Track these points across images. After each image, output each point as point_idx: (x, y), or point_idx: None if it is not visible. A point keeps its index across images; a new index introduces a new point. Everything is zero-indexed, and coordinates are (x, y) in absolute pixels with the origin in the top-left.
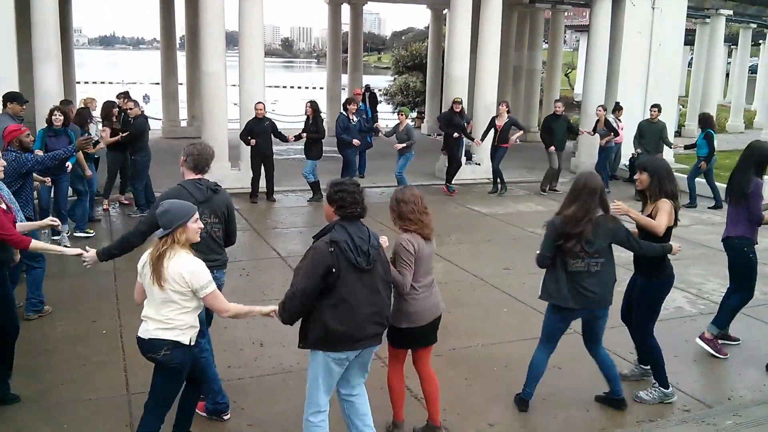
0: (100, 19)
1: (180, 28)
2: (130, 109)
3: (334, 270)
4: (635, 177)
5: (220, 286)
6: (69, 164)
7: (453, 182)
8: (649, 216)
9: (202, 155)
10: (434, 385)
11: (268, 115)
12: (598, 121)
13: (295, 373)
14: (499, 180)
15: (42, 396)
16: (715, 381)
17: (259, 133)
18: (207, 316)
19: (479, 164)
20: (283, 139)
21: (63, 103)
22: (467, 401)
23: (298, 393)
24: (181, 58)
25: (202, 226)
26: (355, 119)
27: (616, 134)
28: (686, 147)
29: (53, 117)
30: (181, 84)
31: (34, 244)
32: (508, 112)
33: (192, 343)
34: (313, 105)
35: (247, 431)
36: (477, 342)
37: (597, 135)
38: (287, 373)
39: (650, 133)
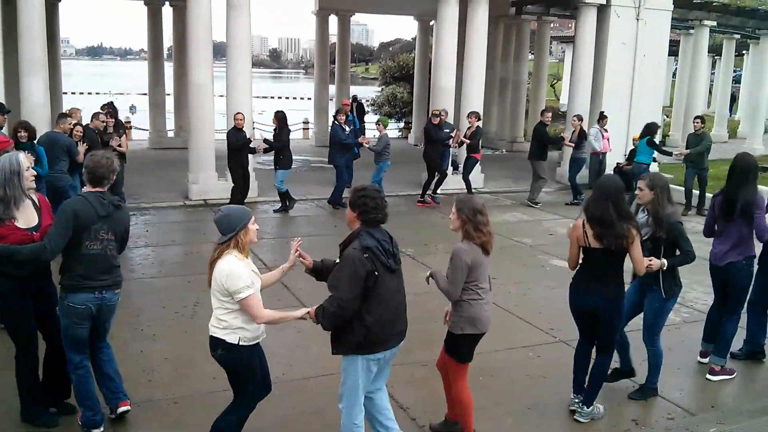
0: (88, 29)
1: (168, 39)
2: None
3: (376, 273)
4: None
5: (111, 307)
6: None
7: (437, 192)
8: None
9: (98, 168)
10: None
11: (249, 126)
12: (573, 131)
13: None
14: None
15: None
16: (698, 389)
17: (243, 144)
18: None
19: None
20: (252, 151)
21: (61, 116)
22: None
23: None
24: (169, 68)
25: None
26: (348, 129)
27: (578, 146)
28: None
29: (18, 135)
30: (169, 94)
31: None
32: (478, 120)
33: (243, 344)
34: (278, 115)
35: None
36: None
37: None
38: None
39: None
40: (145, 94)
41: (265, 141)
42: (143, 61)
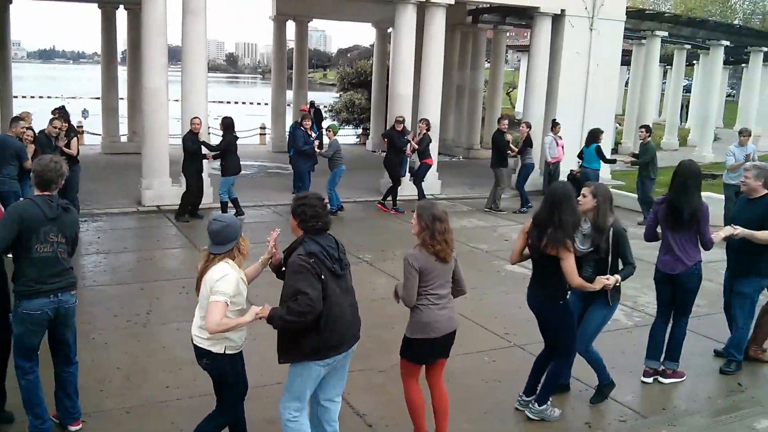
0: (40, 32)
1: (122, 43)
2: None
3: (322, 277)
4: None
5: (70, 311)
6: None
7: (397, 203)
8: None
9: (46, 172)
10: (445, 400)
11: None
12: (520, 138)
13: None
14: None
15: None
16: (650, 392)
17: (198, 148)
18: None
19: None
20: (205, 156)
21: (13, 120)
22: (408, 416)
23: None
24: (123, 72)
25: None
26: (313, 135)
27: (521, 153)
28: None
29: None
30: (122, 99)
31: None
32: (427, 130)
33: (229, 353)
34: (224, 121)
35: None
36: None
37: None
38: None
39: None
40: (98, 98)
41: (203, 144)
42: (96, 65)
